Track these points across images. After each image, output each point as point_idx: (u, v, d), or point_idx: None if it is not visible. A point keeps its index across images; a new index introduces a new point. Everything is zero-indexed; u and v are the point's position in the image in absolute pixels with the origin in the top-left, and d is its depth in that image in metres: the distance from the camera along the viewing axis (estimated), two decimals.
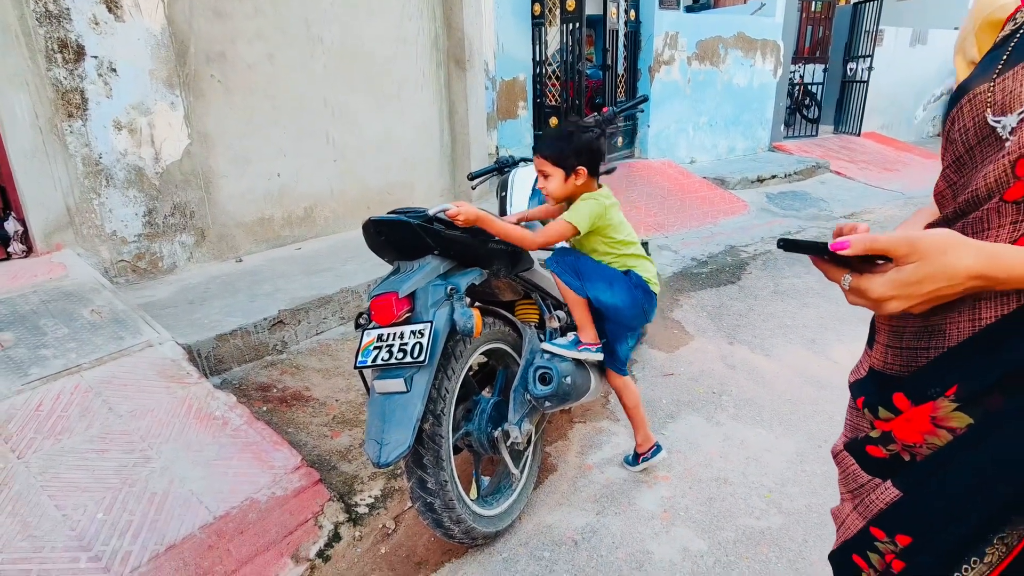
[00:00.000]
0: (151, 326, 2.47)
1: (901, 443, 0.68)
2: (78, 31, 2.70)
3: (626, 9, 5.90)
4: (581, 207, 1.74)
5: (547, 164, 1.75)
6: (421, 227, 1.53)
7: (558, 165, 1.75)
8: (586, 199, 1.77)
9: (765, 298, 3.75)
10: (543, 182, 1.79)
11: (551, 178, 1.76)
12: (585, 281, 1.85)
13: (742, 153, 7.45)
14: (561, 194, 1.79)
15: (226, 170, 3.37)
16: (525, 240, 1.71)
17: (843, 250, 0.61)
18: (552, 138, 1.76)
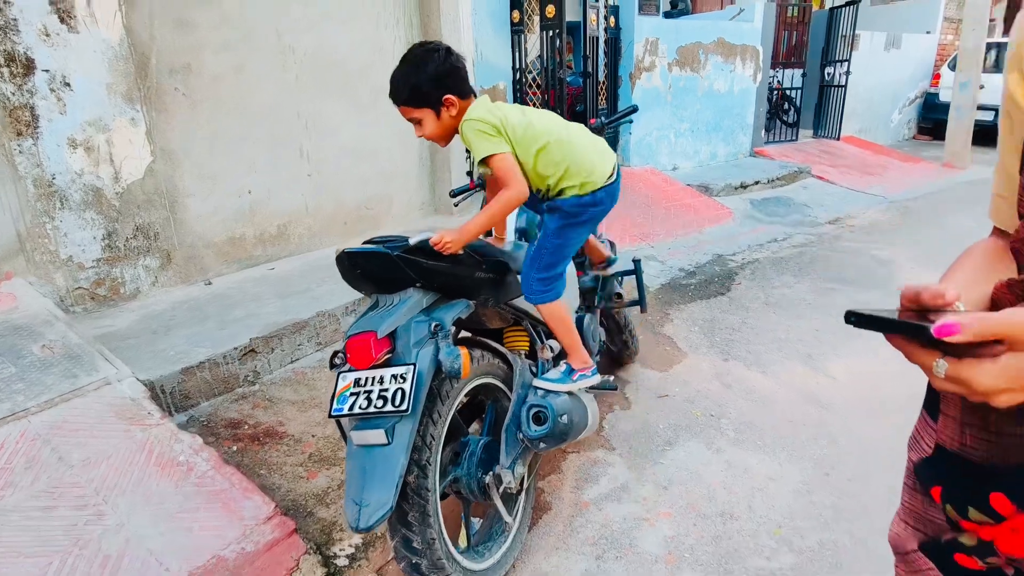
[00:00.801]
0: (109, 361, 2.28)
1: (1006, 557, 0.55)
2: (27, 43, 2.51)
3: (606, 16, 5.81)
4: (468, 137, 1.55)
5: (411, 110, 1.56)
6: (401, 258, 1.39)
7: (423, 105, 1.54)
8: (467, 124, 1.55)
9: (757, 310, 3.66)
10: (419, 131, 1.60)
11: (424, 122, 1.57)
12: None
13: (724, 159, 7.41)
14: (445, 134, 1.61)
15: (193, 188, 3.19)
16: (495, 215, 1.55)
17: (952, 336, 0.47)
18: (401, 78, 1.53)
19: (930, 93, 10.26)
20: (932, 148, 9.65)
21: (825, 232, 5.37)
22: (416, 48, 1.56)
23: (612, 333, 2.77)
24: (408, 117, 1.57)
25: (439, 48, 1.55)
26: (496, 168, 1.55)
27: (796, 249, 4.88)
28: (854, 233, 5.31)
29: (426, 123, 1.56)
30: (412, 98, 1.53)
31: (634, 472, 2.20)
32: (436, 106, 1.54)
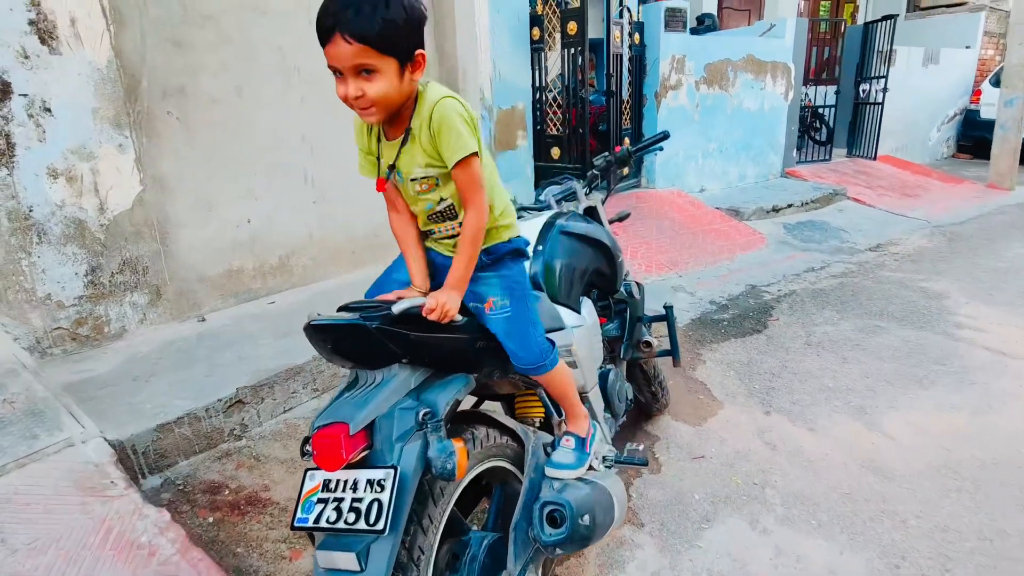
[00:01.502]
0: (75, 418, 2.04)
1: None
2: (3, 66, 2.32)
3: (630, 32, 5.56)
4: (451, 122, 1.15)
5: (370, 53, 1.06)
6: (382, 331, 1.12)
7: (388, 52, 1.07)
8: (450, 103, 1.16)
9: (798, 352, 3.32)
10: (361, 89, 1.09)
11: (380, 77, 1.09)
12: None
13: (754, 180, 7.08)
14: (393, 103, 1.14)
15: (186, 218, 2.98)
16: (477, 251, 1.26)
17: None
18: (366, 3, 1.05)
19: (970, 110, 9.82)
20: (974, 167, 9.19)
21: (866, 260, 5.00)
22: None
23: (639, 384, 2.47)
24: (355, 63, 1.07)
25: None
26: (472, 175, 1.21)
27: (836, 280, 4.52)
28: (898, 262, 4.93)
29: (381, 79, 1.09)
30: (380, 36, 1.05)
31: (667, 556, 1.89)
32: (404, 59, 1.11)
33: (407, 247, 1.39)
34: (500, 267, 1.36)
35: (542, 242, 1.83)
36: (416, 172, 1.25)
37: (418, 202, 1.31)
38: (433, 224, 1.36)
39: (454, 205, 1.30)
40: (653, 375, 2.48)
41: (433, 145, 1.20)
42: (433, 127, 1.17)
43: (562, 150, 5.44)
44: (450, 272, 1.27)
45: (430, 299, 1.18)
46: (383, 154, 1.28)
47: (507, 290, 1.34)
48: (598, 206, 2.36)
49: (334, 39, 1.06)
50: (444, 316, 1.18)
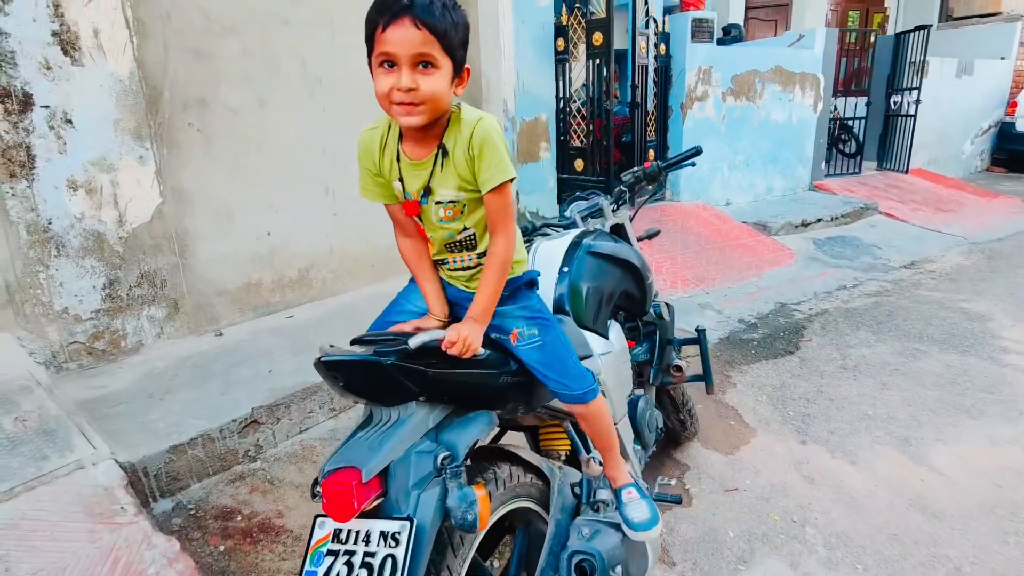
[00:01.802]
0: (87, 438, 1.99)
1: None
2: (25, 77, 2.30)
3: (656, 43, 5.46)
4: (494, 143, 1.10)
5: (436, 46, 1.02)
6: (398, 368, 1.03)
7: (450, 53, 1.05)
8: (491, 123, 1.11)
9: (833, 375, 3.17)
10: (411, 78, 1.03)
11: (438, 76, 1.05)
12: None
13: (781, 193, 6.91)
14: (438, 109, 1.08)
15: (206, 231, 2.94)
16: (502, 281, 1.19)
17: None
18: (430, 2, 1.02)
19: (1006, 122, 9.53)
20: (1009, 181, 8.91)
21: (901, 278, 4.82)
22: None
23: (667, 410, 2.35)
24: (419, 51, 1.02)
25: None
26: (506, 202, 1.16)
27: (870, 299, 4.35)
28: (935, 280, 4.74)
29: (439, 76, 1.05)
30: (447, 32, 1.03)
31: None
32: (457, 67, 1.09)
33: (422, 273, 1.31)
34: (518, 298, 1.28)
35: (568, 263, 1.74)
36: (444, 195, 1.17)
37: (438, 229, 1.22)
38: (448, 253, 1.27)
39: (475, 235, 1.23)
40: (682, 401, 2.37)
41: (469, 167, 1.13)
42: (474, 148, 1.11)
43: (586, 162, 5.35)
44: (473, 303, 1.18)
45: (451, 332, 1.09)
46: (405, 175, 1.19)
47: (532, 320, 1.25)
48: (626, 223, 2.26)
49: (401, 21, 1.01)
50: (466, 351, 1.09)
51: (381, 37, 1.03)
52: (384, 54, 1.04)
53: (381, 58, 1.05)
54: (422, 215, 1.22)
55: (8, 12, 2.24)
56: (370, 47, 1.07)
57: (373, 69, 1.08)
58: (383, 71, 1.06)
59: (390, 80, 1.05)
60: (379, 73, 1.07)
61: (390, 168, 1.21)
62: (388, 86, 1.05)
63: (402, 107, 1.06)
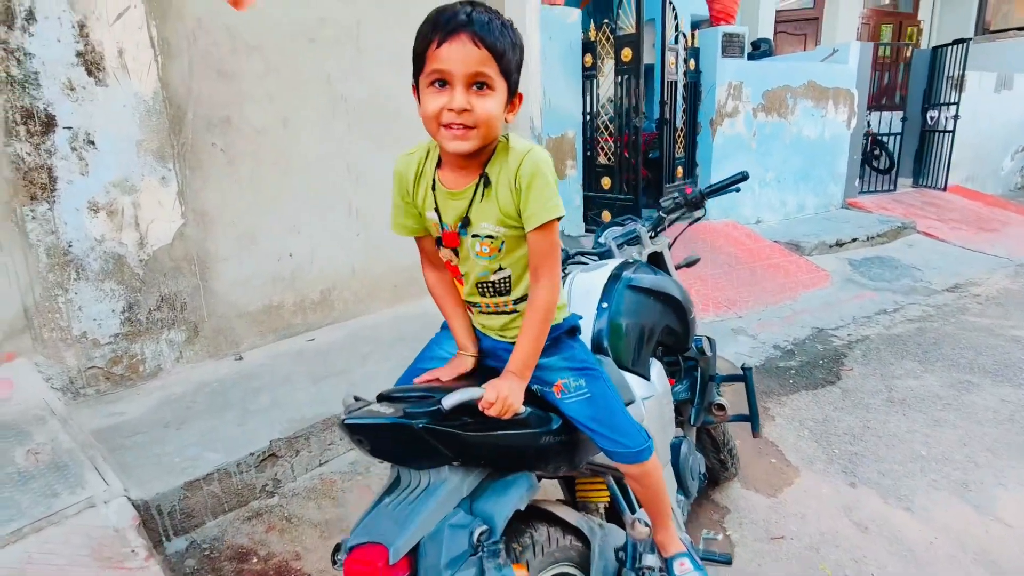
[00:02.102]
0: (100, 473, 1.91)
1: None
2: (48, 98, 2.26)
3: (685, 59, 5.35)
4: (546, 177, 1.01)
5: (494, 66, 0.96)
6: (429, 430, 0.92)
7: (506, 75, 0.99)
8: (542, 155, 1.03)
9: (879, 409, 2.99)
10: (465, 98, 0.96)
11: (490, 95, 0.97)
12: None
13: (813, 211, 6.71)
14: (492, 132, 1.00)
15: (227, 252, 2.87)
16: (545, 330, 1.09)
17: None
18: (499, 23, 0.97)
19: None
20: None
21: (944, 302, 4.60)
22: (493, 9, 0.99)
23: (706, 450, 2.21)
24: (476, 71, 0.95)
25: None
26: (552, 241, 1.07)
27: (913, 324, 4.15)
28: (982, 305, 4.51)
29: (493, 98, 0.98)
30: (505, 54, 0.97)
31: None
32: (512, 91, 1.02)
33: (452, 309, 1.22)
34: (561, 348, 1.16)
35: (607, 298, 1.62)
36: (483, 228, 1.07)
37: (474, 265, 1.12)
38: (479, 297, 1.16)
39: (510, 278, 1.12)
40: (723, 440, 2.22)
41: (514, 200, 1.04)
42: (521, 180, 1.02)
43: (613, 180, 5.23)
44: (513, 356, 1.07)
45: (489, 391, 0.98)
46: (442, 205, 1.10)
47: (577, 371, 1.14)
48: (665, 252, 2.14)
49: (458, 38, 0.94)
50: (506, 412, 0.98)
51: (435, 54, 0.96)
52: (437, 72, 0.96)
53: (433, 76, 0.97)
54: (460, 248, 1.13)
55: (33, 33, 2.21)
56: (419, 65, 0.99)
57: (421, 89, 1.00)
58: (433, 90, 0.98)
59: (441, 100, 0.97)
60: (428, 93, 0.99)
61: (424, 197, 1.12)
62: (438, 106, 0.97)
63: (452, 130, 0.98)
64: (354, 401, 1.01)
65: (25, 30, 2.19)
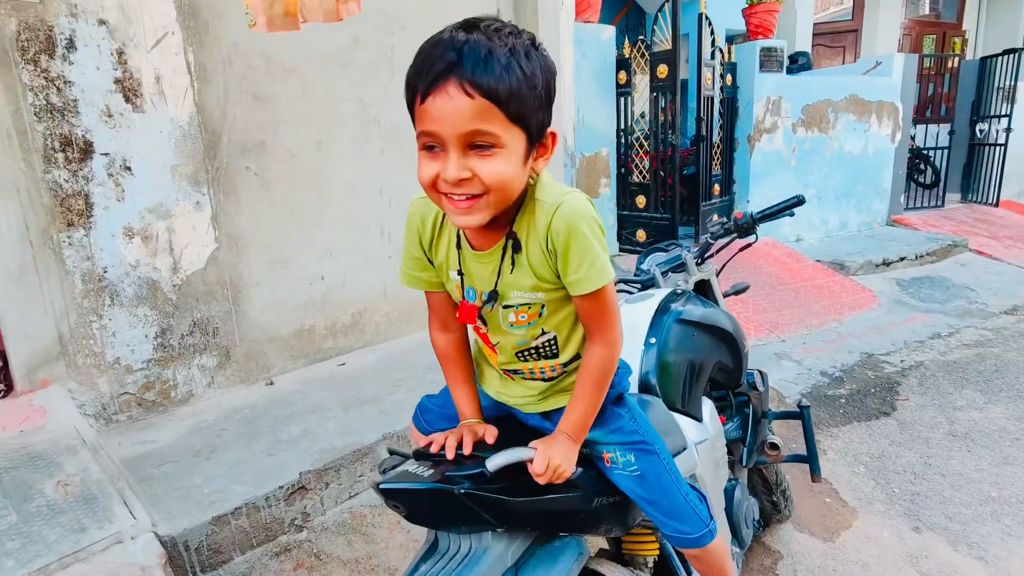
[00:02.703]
0: (128, 507, 1.86)
1: None
2: (86, 125, 2.27)
3: (722, 74, 5.23)
4: (586, 239, 0.82)
5: (496, 116, 0.74)
6: (473, 497, 0.83)
7: (519, 122, 0.77)
8: (584, 211, 0.83)
9: (941, 443, 2.79)
10: (461, 165, 0.77)
11: (497, 155, 0.77)
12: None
13: (856, 229, 6.47)
14: (509, 196, 0.81)
15: (260, 276, 2.85)
16: (601, 395, 0.94)
17: None
18: (504, 57, 0.74)
19: None
20: None
21: (1003, 326, 4.34)
22: (507, 25, 0.78)
23: (757, 491, 2.07)
24: (470, 129, 0.75)
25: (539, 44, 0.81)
26: (604, 304, 0.89)
27: (971, 350, 3.91)
28: None
29: (503, 158, 0.77)
30: (514, 95, 0.74)
31: None
32: (536, 137, 0.81)
33: (456, 376, 1.07)
34: (606, 420, 1.01)
35: (655, 333, 1.52)
36: (514, 297, 0.91)
37: (508, 335, 0.96)
38: (521, 363, 1.00)
39: (556, 340, 0.97)
40: (776, 481, 2.08)
41: (548, 263, 0.87)
42: (556, 241, 0.84)
43: (648, 198, 5.11)
44: (565, 417, 0.96)
45: (539, 456, 0.88)
46: (467, 268, 0.93)
47: (627, 445, 0.99)
48: (712, 279, 2.03)
49: (443, 87, 0.73)
50: (557, 479, 0.88)
51: (420, 111, 0.77)
52: (425, 135, 0.78)
53: (422, 140, 0.79)
54: (486, 320, 0.97)
55: (73, 61, 2.23)
56: (412, 118, 0.81)
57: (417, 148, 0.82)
58: (425, 155, 0.80)
59: (434, 166, 0.78)
60: (421, 157, 0.80)
61: (447, 255, 0.96)
62: (432, 173, 0.79)
63: (454, 202, 0.79)
64: (388, 456, 0.93)
65: (65, 58, 2.21)
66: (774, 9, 5.49)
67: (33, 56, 2.14)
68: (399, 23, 3.18)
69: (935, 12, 10.44)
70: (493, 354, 1.02)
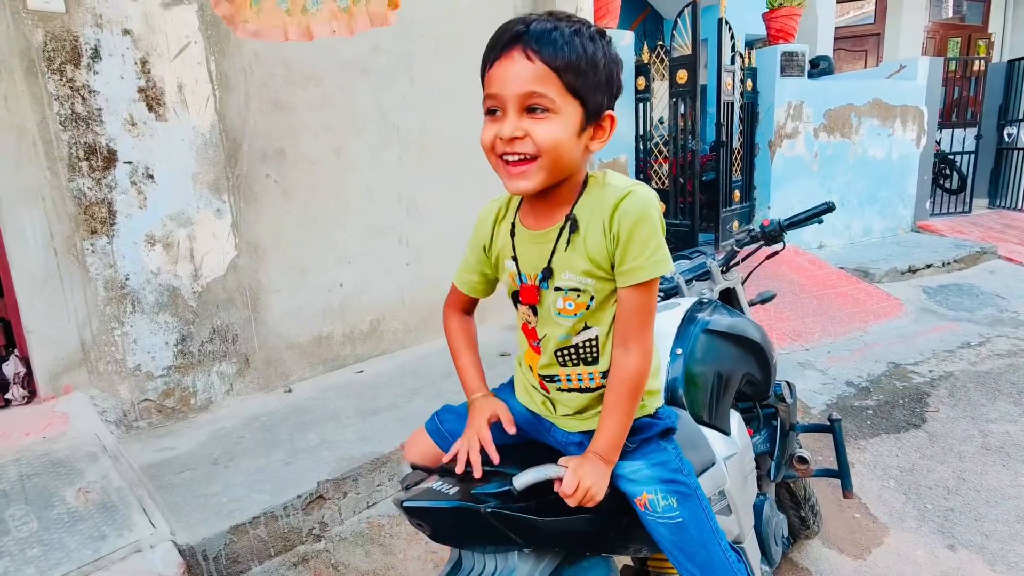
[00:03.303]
0: (147, 515, 1.86)
1: None
2: (110, 134, 2.29)
3: (742, 79, 5.17)
4: (653, 225, 0.86)
5: (554, 82, 0.81)
6: (498, 515, 0.80)
7: (577, 94, 0.83)
8: (649, 197, 0.87)
9: (974, 457, 2.70)
10: (517, 124, 0.83)
11: (552, 119, 0.82)
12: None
13: (880, 235, 6.35)
14: (562, 165, 0.85)
15: (279, 283, 2.85)
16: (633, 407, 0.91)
17: None
18: (570, 32, 0.82)
19: None
20: None
21: None
22: (579, 18, 0.86)
23: (785, 506, 2.01)
24: (529, 90, 0.81)
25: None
26: (649, 302, 0.89)
27: (1003, 360, 3.80)
28: None
29: (557, 122, 0.82)
30: (572, 66, 0.81)
31: None
32: (592, 113, 0.86)
33: (466, 356, 1.11)
34: (650, 451, 0.96)
35: (681, 343, 1.48)
36: (565, 279, 0.91)
37: (555, 326, 0.95)
38: (559, 367, 0.98)
39: (598, 341, 0.94)
40: (804, 496, 2.02)
41: (607, 247, 0.88)
42: (621, 224, 0.86)
43: (667, 204, 5.06)
44: (597, 436, 0.91)
45: (569, 475, 0.85)
46: (522, 252, 0.95)
47: (668, 485, 0.93)
48: (738, 288, 1.98)
49: (510, 54, 0.81)
50: (588, 501, 0.84)
51: (488, 77, 0.85)
52: (490, 98, 0.85)
53: (487, 103, 0.86)
54: (539, 305, 0.97)
55: (98, 71, 2.25)
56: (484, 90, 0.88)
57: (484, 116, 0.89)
58: (488, 120, 0.87)
59: (494, 129, 0.85)
60: (485, 123, 0.88)
61: (503, 244, 0.99)
62: (491, 135, 0.85)
63: (508, 166, 0.85)
64: (411, 471, 0.90)
65: (90, 68, 2.23)
66: (796, 13, 5.42)
67: (59, 66, 2.17)
68: (418, 31, 3.18)
69: (959, 15, 10.27)
70: (536, 355, 1.01)
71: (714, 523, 0.97)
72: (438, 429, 1.17)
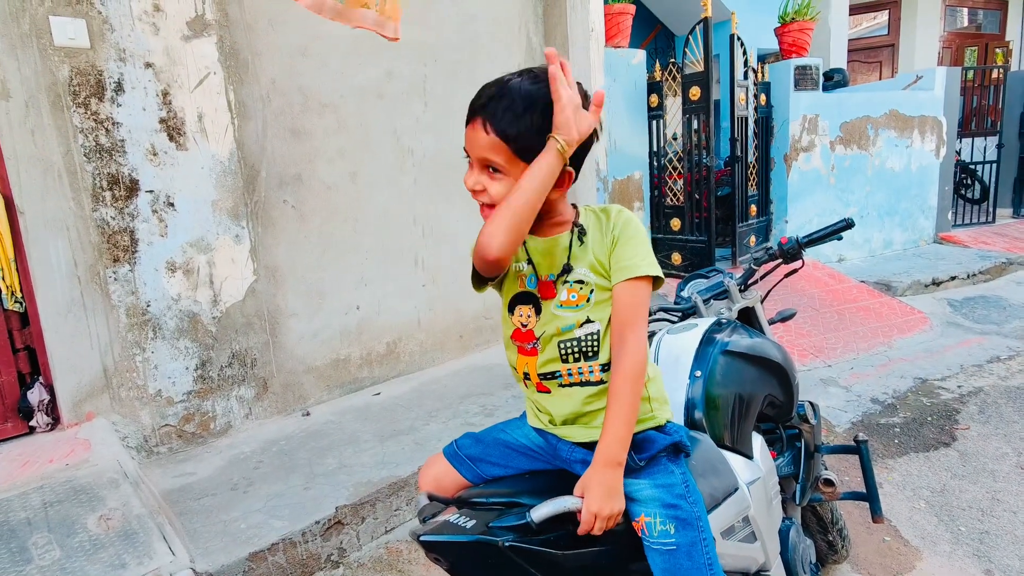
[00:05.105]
0: (167, 542, 1.86)
1: None
2: (132, 164, 2.34)
3: (755, 94, 5.16)
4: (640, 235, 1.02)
5: (504, 151, 0.93)
6: (517, 549, 0.79)
7: (525, 157, 0.93)
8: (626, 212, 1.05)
9: (1009, 477, 2.62)
10: (476, 179, 0.97)
11: (502, 179, 0.95)
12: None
13: (901, 247, 6.25)
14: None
15: (296, 307, 2.87)
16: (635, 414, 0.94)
17: None
18: (522, 94, 0.93)
19: None
20: None
21: None
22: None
23: (812, 531, 1.95)
24: (483, 156, 0.95)
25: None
26: (642, 299, 0.99)
27: None
28: None
29: (506, 183, 0.95)
30: (520, 138, 0.92)
31: None
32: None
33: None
34: (656, 470, 0.96)
35: (700, 365, 1.46)
36: (578, 273, 1.02)
37: (557, 319, 1.02)
38: (560, 363, 1.02)
39: (599, 335, 1.00)
40: (831, 519, 1.96)
41: (606, 248, 1.01)
42: (615, 229, 1.02)
43: (683, 220, 5.04)
44: (602, 441, 0.91)
45: (585, 515, 0.82)
46: (537, 255, 1.05)
47: (668, 510, 0.92)
48: (757, 307, 1.96)
49: (474, 123, 0.96)
50: (613, 523, 0.83)
51: (465, 132, 1.00)
52: (465, 150, 1.01)
53: (465, 151, 1.01)
54: (547, 301, 1.05)
55: (121, 103, 2.30)
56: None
57: None
58: (469, 164, 1.01)
59: (468, 175, 1.01)
60: (468, 164, 1.02)
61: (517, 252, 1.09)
62: (466, 179, 1.02)
63: (480, 208, 1.02)
64: (428, 502, 0.89)
65: (114, 101, 2.29)
66: (808, 27, 5.41)
67: (84, 100, 2.23)
68: (432, 55, 3.23)
69: (975, 24, 10.18)
70: (533, 359, 1.04)
71: (711, 558, 0.94)
72: (456, 454, 1.16)
